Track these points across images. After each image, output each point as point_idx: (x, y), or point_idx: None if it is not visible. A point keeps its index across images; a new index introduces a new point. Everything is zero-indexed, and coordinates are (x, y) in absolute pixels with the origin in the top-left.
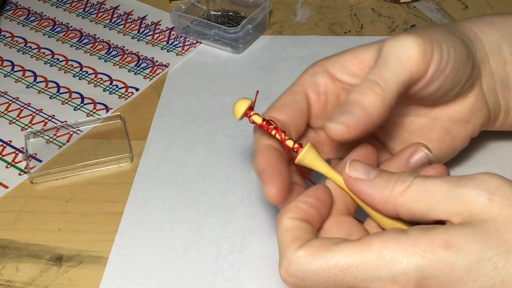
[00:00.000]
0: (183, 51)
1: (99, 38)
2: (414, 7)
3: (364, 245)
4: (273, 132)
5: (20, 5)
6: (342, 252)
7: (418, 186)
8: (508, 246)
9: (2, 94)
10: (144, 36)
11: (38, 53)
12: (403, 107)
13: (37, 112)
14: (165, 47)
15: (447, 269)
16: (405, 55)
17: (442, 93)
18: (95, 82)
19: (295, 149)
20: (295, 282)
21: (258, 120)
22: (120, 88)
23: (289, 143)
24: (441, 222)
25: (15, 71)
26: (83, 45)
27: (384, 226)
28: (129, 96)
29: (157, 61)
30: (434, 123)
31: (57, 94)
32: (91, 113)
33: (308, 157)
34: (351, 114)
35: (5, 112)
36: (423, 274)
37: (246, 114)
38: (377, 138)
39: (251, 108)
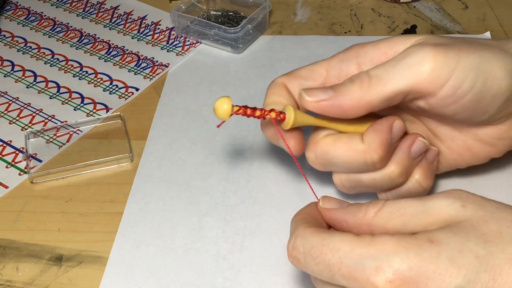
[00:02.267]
0: (183, 51)
1: (99, 38)
2: (414, 7)
3: (358, 237)
4: (254, 111)
5: (20, 5)
6: (339, 236)
7: (392, 206)
8: (486, 237)
9: (2, 94)
10: (144, 36)
11: (38, 53)
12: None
13: (37, 112)
14: (165, 47)
15: (432, 258)
16: (416, 67)
17: (463, 118)
18: (95, 82)
19: (281, 117)
20: (296, 256)
21: (236, 108)
22: (120, 88)
23: (273, 114)
24: None
25: (15, 71)
26: (83, 45)
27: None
28: (129, 96)
29: (157, 61)
30: (458, 136)
31: (57, 94)
32: (91, 113)
33: (297, 117)
34: (326, 92)
35: (5, 112)
36: (408, 264)
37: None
38: None
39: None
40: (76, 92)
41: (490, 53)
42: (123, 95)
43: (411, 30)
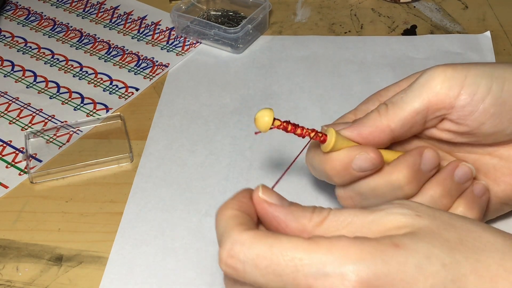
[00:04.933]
0: (183, 51)
1: (99, 38)
2: (414, 7)
3: (313, 241)
4: (296, 128)
5: (20, 5)
6: (289, 242)
7: (337, 216)
8: (450, 245)
9: (2, 94)
10: (144, 36)
11: (38, 53)
12: (464, 145)
13: (37, 112)
14: (165, 47)
15: (399, 266)
16: (427, 85)
17: (492, 129)
18: (95, 82)
19: (321, 139)
20: (234, 265)
21: (277, 123)
22: (120, 88)
23: (313, 135)
24: None
25: (15, 71)
26: (83, 45)
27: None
28: (129, 96)
29: (157, 61)
30: (500, 163)
31: (57, 94)
32: (91, 113)
33: (338, 140)
34: (347, 123)
35: (5, 112)
36: (375, 272)
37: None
38: None
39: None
40: (76, 92)
41: (502, 64)
42: (123, 95)
43: (411, 30)
